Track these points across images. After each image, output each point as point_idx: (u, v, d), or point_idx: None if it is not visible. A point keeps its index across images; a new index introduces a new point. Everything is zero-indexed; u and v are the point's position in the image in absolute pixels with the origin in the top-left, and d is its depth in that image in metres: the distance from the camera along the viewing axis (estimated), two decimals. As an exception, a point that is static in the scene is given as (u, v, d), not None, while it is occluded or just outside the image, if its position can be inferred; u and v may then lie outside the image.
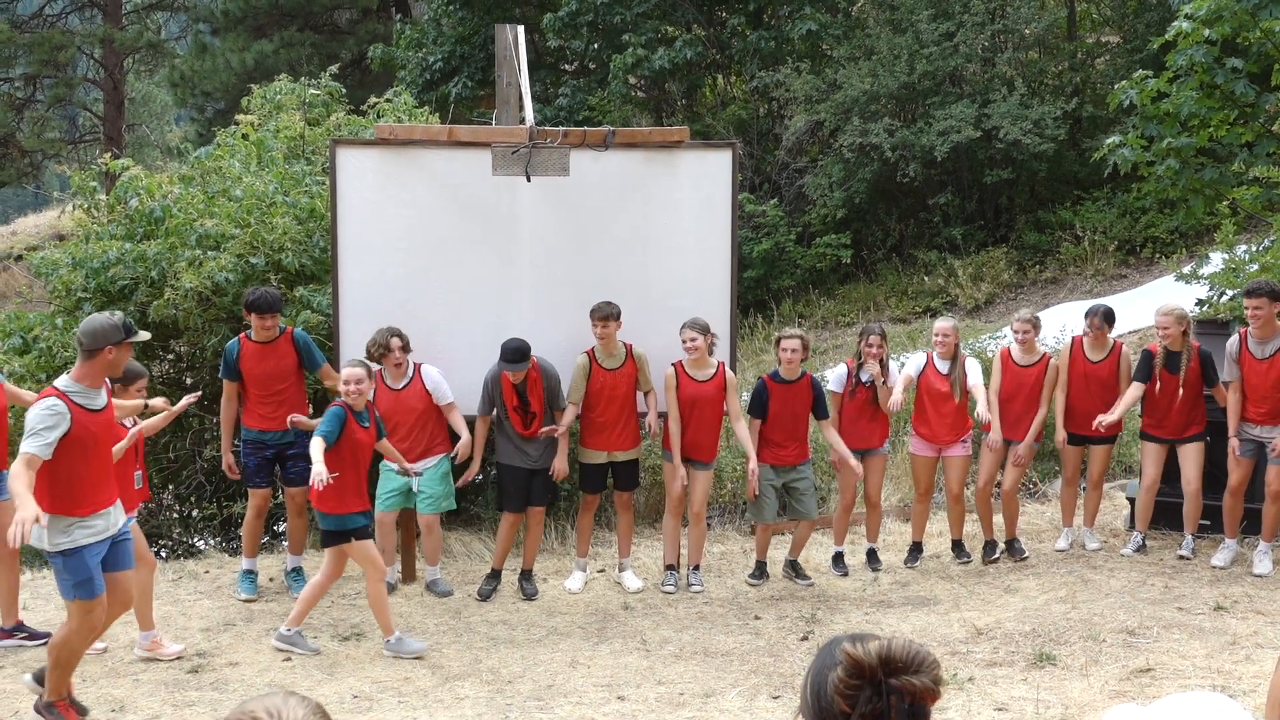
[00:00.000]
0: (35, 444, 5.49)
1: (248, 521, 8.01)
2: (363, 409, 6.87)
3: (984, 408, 8.12)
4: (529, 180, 7.87)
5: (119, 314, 5.85)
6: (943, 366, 8.27)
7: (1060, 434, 8.47)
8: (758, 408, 8.03)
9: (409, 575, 8.29)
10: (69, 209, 10.82)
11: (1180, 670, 6.36)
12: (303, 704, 2.26)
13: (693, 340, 7.77)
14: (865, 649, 2.27)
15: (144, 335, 6.15)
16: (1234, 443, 7.99)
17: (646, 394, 8.08)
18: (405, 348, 7.80)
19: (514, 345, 7.66)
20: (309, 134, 10.55)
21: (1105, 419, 8.09)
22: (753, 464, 7.86)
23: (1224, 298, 9.82)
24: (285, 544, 8.37)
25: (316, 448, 6.50)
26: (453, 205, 8.14)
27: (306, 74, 12.39)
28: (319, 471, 6.30)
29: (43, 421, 5.53)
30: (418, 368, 7.88)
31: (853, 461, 8.03)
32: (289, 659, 6.85)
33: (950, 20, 18.52)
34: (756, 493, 7.94)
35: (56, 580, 5.91)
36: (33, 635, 7.06)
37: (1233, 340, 8.03)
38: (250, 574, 7.98)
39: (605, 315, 7.80)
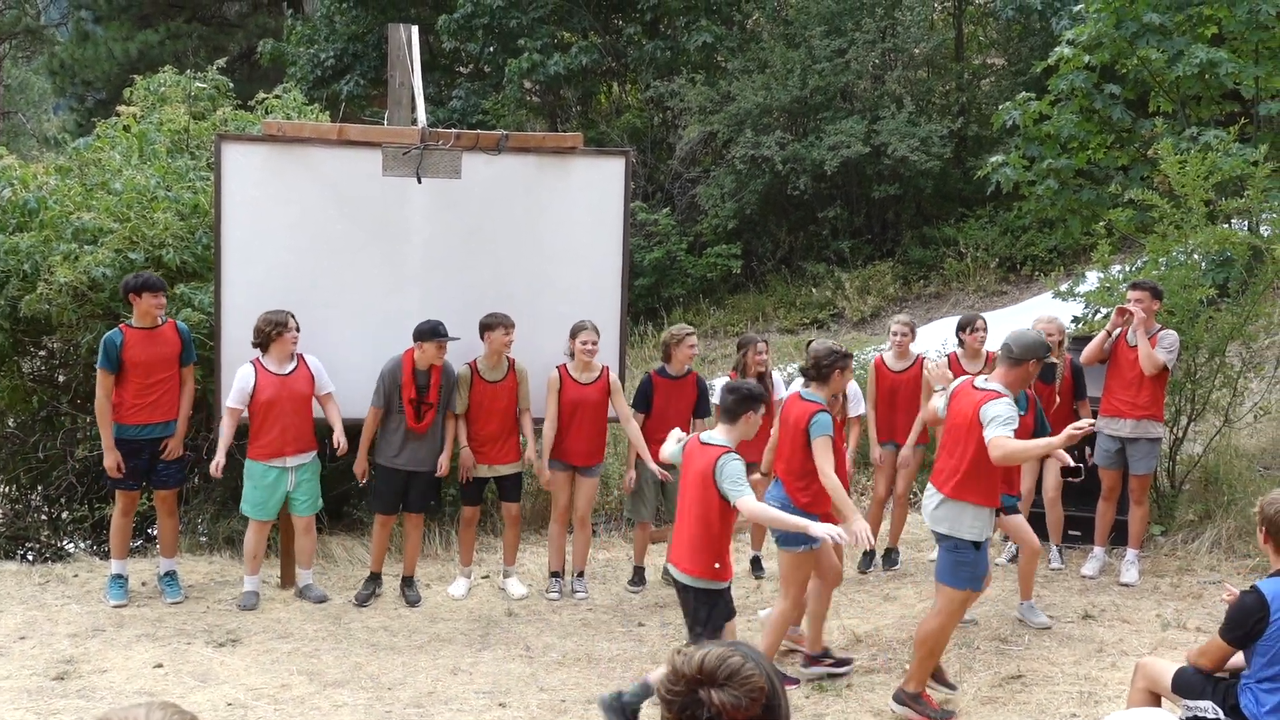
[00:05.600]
0: None
1: (115, 521, 7.79)
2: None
3: (873, 431, 8.43)
4: (420, 182, 7.79)
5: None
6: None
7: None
8: (642, 402, 8.05)
9: (288, 580, 8.13)
10: (-63, 197, 10.37)
11: (1049, 677, 6.53)
12: (166, 715, 2.16)
13: (595, 344, 7.78)
14: (688, 657, 2.29)
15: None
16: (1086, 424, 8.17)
17: (522, 412, 7.99)
18: (299, 330, 7.70)
19: (433, 323, 7.59)
20: (194, 128, 10.31)
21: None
22: (648, 462, 7.79)
23: (1099, 315, 10.12)
24: (157, 548, 8.14)
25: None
26: (341, 205, 8.02)
27: (193, 66, 12.12)
28: None
29: (1011, 409, 5.74)
30: (300, 356, 7.74)
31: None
32: (160, 665, 6.67)
33: (842, 37, 18.85)
34: (633, 488, 8.01)
35: (948, 568, 5.97)
36: (839, 662, 6.67)
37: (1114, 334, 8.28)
38: (120, 579, 7.75)
39: (491, 325, 7.74)
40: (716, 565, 5.68)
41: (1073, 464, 6.73)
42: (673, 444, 6.21)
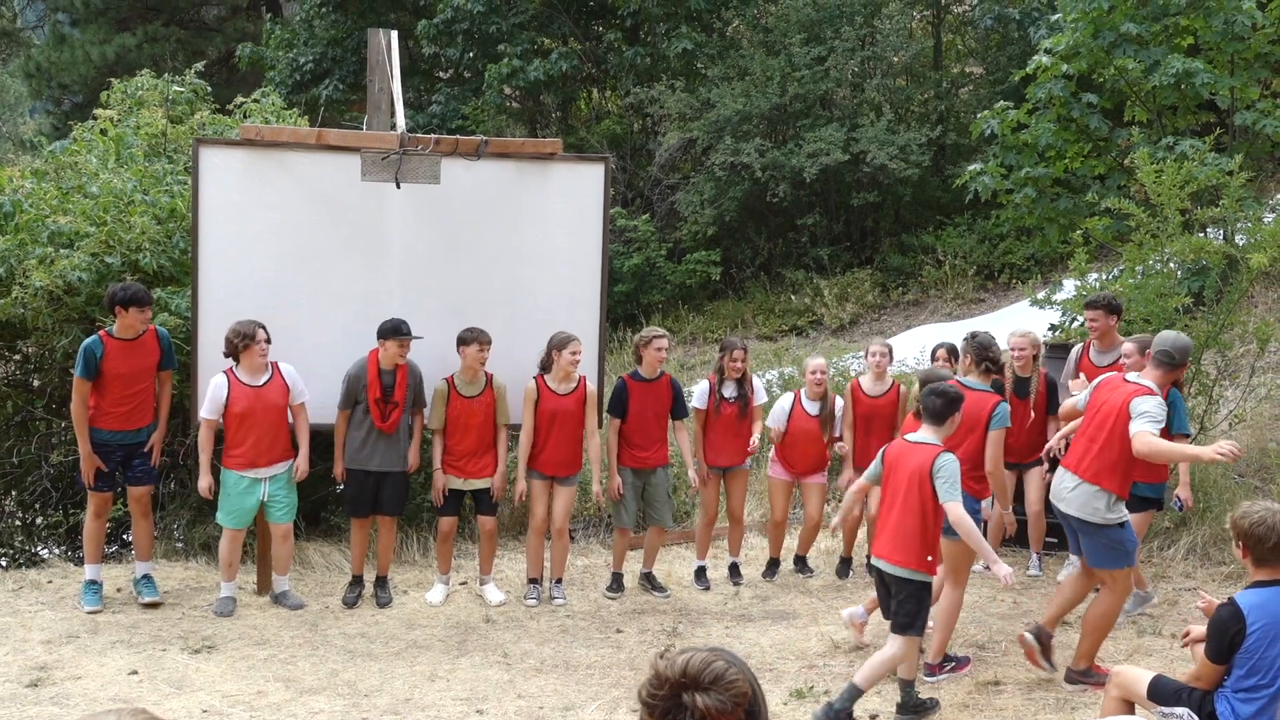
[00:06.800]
0: None
1: (88, 524, 7.72)
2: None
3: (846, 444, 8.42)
4: (399, 187, 7.78)
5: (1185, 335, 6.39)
6: (811, 408, 8.37)
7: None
8: (618, 407, 8.04)
9: (264, 586, 8.09)
10: (-89, 200, 10.28)
11: (1025, 683, 6.55)
12: None
13: (581, 354, 7.78)
14: (671, 661, 2.31)
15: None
16: (1049, 446, 8.12)
17: (500, 429, 7.98)
18: (269, 340, 7.65)
19: (395, 321, 7.62)
20: (171, 132, 10.26)
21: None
22: (615, 480, 8.01)
23: (1075, 323, 10.17)
24: (133, 554, 8.08)
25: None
26: (320, 210, 7.99)
27: (170, 70, 12.07)
28: None
29: (1162, 410, 6.00)
30: (274, 365, 7.70)
31: (692, 471, 8.22)
32: (135, 672, 6.62)
33: (822, 45, 18.90)
34: (620, 494, 8.00)
35: (1101, 554, 6.20)
36: (960, 664, 6.76)
37: (1077, 348, 8.34)
38: (94, 584, 7.69)
39: (467, 340, 7.75)
40: (929, 558, 5.89)
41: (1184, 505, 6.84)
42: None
